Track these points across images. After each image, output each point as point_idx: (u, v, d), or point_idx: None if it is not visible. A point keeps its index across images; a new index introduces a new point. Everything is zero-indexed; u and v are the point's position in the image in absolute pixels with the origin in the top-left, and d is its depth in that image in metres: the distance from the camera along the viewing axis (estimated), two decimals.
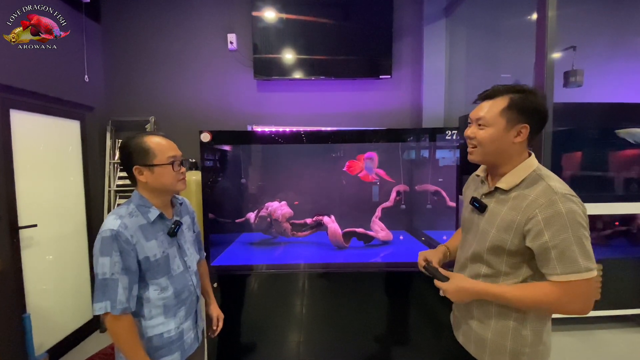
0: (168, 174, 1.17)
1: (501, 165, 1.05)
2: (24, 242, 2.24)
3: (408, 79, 3.20)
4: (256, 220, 2.65)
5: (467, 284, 1.05)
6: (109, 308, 1.05)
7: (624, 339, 2.71)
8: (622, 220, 2.86)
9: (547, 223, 0.91)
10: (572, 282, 0.90)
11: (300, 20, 3.01)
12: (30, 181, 2.30)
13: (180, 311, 1.23)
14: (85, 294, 2.84)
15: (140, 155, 1.15)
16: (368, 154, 2.49)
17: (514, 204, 1.00)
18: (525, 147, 1.04)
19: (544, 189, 0.95)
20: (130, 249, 1.09)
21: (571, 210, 0.91)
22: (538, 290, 0.95)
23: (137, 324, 1.15)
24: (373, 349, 2.17)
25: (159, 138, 1.19)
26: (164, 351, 1.18)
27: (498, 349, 1.05)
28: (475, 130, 1.05)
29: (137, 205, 1.18)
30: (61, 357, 2.51)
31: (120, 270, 1.07)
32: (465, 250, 1.17)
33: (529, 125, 0.98)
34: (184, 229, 1.29)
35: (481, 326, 1.09)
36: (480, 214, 1.10)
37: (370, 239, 2.60)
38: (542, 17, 1.83)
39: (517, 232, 0.97)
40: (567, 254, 0.89)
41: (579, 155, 2.85)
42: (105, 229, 1.08)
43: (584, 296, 0.92)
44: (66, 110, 2.64)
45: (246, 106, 3.16)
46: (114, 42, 3.09)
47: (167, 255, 1.19)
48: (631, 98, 3.16)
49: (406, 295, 2.15)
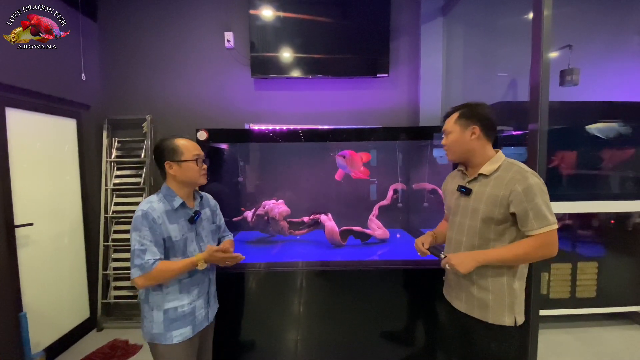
0: (193, 169, 1.42)
1: (471, 159, 1.41)
2: (20, 240, 2.23)
3: (405, 78, 3.20)
4: (253, 218, 2.65)
5: (470, 254, 1.33)
6: (139, 272, 1.29)
7: (619, 336, 2.73)
8: (617, 219, 2.88)
9: (525, 192, 1.25)
10: (546, 232, 1.24)
11: (297, 19, 3.01)
12: (26, 180, 2.30)
13: (194, 289, 1.45)
14: (82, 293, 2.83)
15: (170, 153, 1.40)
16: (342, 152, 2.48)
17: (495, 183, 1.33)
18: (486, 143, 1.38)
19: (518, 169, 1.30)
20: (157, 227, 1.33)
21: (537, 182, 1.27)
22: (523, 244, 1.28)
23: (157, 296, 1.38)
24: (370, 347, 2.18)
25: (186, 140, 1.44)
26: (178, 323, 1.40)
27: (499, 305, 1.33)
28: (445, 139, 1.45)
29: (165, 194, 1.42)
30: (58, 356, 2.51)
31: (149, 242, 1.31)
32: (456, 230, 1.45)
33: (477, 125, 1.35)
34: (203, 219, 1.52)
35: (481, 290, 1.37)
36: (467, 197, 1.41)
37: (368, 237, 2.61)
38: (538, 16, 1.84)
39: (502, 203, 1.29)
40: (541, 213, 1.24)
41: (574, 153, 2.86)
42: (138, 210, 1.34)
43: (553, 243, 1.26)
44: (62, 109, 2.63)
45: (243, 104, 3.15)
46: (110, 40, 3.08)
47: (185, 238, 1.42)
48: (627, 97, 3.17)
49: (403, 292, 2.16)
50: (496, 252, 1.30)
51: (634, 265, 2.82)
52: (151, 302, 1.39)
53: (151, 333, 1.39)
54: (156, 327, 1.38)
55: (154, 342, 1.39)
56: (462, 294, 1.45)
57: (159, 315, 1.38)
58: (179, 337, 1.39)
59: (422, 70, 3.09)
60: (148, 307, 1.40)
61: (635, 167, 2.86)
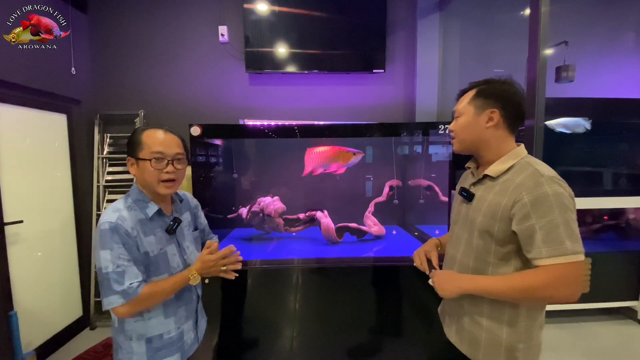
0: (148, 170, 1.09)
1: (482, 152, 1.08)
2: (9, 238, 2.18)
3: (401, 74, 3.18)
4: (248, 215, 2.63)
5: (454, 276, 1.06)
6: (119, 301, 1.03)
7: (613, 331, 2.76)
8: (611, 215, 2.90)
9: (534, 205, 0.90)
10: (558, 265, 0.87)
11: (292, 13, 2.97)
12: (15, 176, 2.24)
13: (180, 310, 1.20)
14: (74, 291, 2.79)
15: (132, 146, 1.12)
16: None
17: (501, 188, 1.00)
18: (505, 135, 1.04)
19: (531, 172, 0.95)
20: (132, 241, 1.06)
21: (557, 192, 0.89)
22: (527, 276, 0.93)
23: (136, 324, 1.13)
24: (366, 343, 2.18)
25: (156, 131, 1.13)
26: (164, 352, 1.16)
27: (493, 346, 1.03)
28: (454, 122, 1.12)
29: (135, 200, 1.14)
30: (49, 355, 2.47)
31: (127, 262, 1.04)
32: (453, 242, 1.17)
33: (497, 109, 1.01)
34: (183, 226, 1.25)
35: (473, 324, 1.07)
36: (468, 203, 1.10)
37: (363, 233, 2.60)
38: (535, 12, 1.83)
39: (503, 216, 0.96)
40: (553, 235, 0.87)
41: (570, 150, 2.88)
42: (103, 222, 1.05)
43: (571, 281, 0.89)
44: (52, 104, 2.57)
45: (238, 100, 3.11)
46: (101, 34, 3.01)
47: (165, 252, 1.15)
48: (624, 93, 3.18)
49: (399, 289, 2.15)
50: (488, 281, 0.98)
51: (627, 261, 2.85)
52: (128, 331, 1.13)
53: None
54: (137, 359, 1.13)
55: None
56: (453, 324, 1.17)
57: (139, 345, 1.13)
58: None
59: (419, 66, 3.08)
60: (124, 336, 1.14)
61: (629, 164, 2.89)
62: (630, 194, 2.80)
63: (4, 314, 2.10)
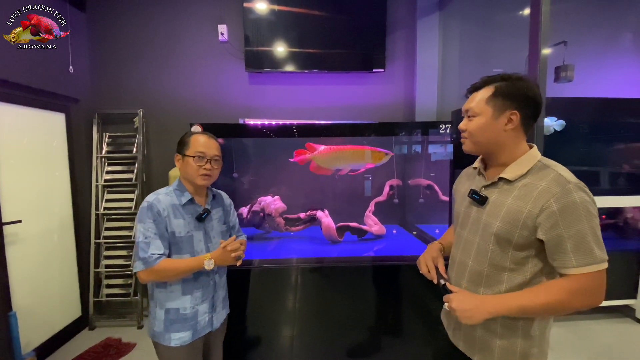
0: (190, 165, 1.34)
1: (497, 154, 1.02)
2: (8, 238, 2.16)
3: (401, 73, 3.19)
4: (249, 215, 2.63)
5: (480, 302, 0.95)
6: (141, 267, 1.26)
7: (611, 329, 2.78)
8: (610, 214, 2.92)
9: (562, 213, 0.88)
10: (589, 274, 0.87)
11: (292, 12, 2.96)
12: (13, 176, 2.23)
13: (197, 292, 1.38)
14: (73, 291, 2.78)
15: (181, 145, 1.39)
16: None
17: (520, 193, 0.95)
18: (522, 135, 1.01)
19: (555, 177, 0.92)
20: (161, 220, 1.30)
21: (584, 200, 0.88)
22: (556, 289, 0.90)
23: (161, 293, 1.35)
24: (367, 342, 2.18)
25: (200, 136, 1.38)
26: (177, 326, 1.35)
27: (507, 355, 1.01)
28: (466, 122, 1.04)
29: (174, 189, 1.39)
30: (49, 355, 2.46)
31: (154, 234, 1.28)
32: (462, 248, 1.11)
33: (517, 111, 0.96)
34: (213, 218, 1.45)
35: (486, 333, 1.03)
36: (480, 206, 1.05)
37: (364, 233, 2.60)
38: (536, 12, 1.83)
39: (527, 223, 0.92)
40: (583, 245, 0.87)
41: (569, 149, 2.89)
42: (144, 201, 1.32)
43: (598, 288, 0.89)
44: (50, 102, 2.55)
45: (237, 99, 3.10)
46: (99, 32, 2.99)
47: (191, 236, 1.36)
48: (623, 93, 3.20)
49: (399, 288, 2.16)
50: (518, 300, 0.92)
51: (625, 260, 2.87)
52: (156, 299, 1.37)
53: (153, 330, 1.37)
54: (158, 325, 1.35)
55: (155, 341, 1.37)
56: (460, 331, 1.13)
57: (161, 313, 1.35)
58: (177, 341, 1.34)
59: (418, 65, 3.08)
60: (153, 303, 1.38)
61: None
62: (628, 193, 2.82)
63: (3, 314, 2.08)
